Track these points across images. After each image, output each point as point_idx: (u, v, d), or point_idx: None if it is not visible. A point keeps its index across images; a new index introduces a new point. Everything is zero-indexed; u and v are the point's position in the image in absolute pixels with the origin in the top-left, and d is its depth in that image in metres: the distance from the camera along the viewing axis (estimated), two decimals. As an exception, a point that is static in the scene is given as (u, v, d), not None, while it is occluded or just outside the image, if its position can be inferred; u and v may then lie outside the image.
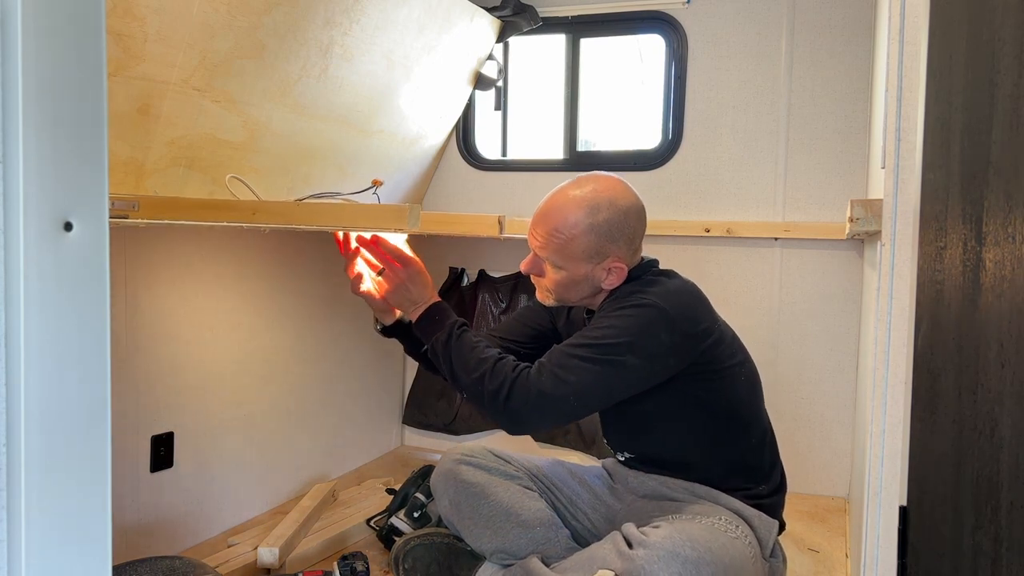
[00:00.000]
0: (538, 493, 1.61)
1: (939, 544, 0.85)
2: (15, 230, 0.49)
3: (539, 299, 1.58)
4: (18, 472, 0.50)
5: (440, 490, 1.64)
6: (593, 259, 1.47)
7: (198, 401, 2.01)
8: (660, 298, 1.41)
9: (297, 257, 2.36)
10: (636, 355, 1.36)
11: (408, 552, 1.67)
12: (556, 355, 1.38)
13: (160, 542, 1.90)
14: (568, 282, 1.49)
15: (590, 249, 1.45)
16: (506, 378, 1.35)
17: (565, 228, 1.45)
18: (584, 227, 1.44)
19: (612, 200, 1.46)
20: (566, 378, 1.34)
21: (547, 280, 1.52)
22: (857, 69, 2.45)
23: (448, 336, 1.45)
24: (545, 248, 1.48)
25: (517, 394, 1.34)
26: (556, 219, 1.45)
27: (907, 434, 0.95)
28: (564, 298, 1.53)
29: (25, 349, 0.50)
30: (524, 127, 3.05)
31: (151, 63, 1.59)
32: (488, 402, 1.37)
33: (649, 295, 1.43)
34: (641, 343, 1.37)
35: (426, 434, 2.96)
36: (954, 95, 0.85)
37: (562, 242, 1.45)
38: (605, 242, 1.46)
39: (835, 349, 2.52)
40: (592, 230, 1.44)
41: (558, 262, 1.48)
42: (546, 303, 1.57)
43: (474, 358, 1.40)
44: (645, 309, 1.40)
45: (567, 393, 1.34)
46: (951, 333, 0.82)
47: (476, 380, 1.38)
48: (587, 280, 1.49)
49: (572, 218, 1.44)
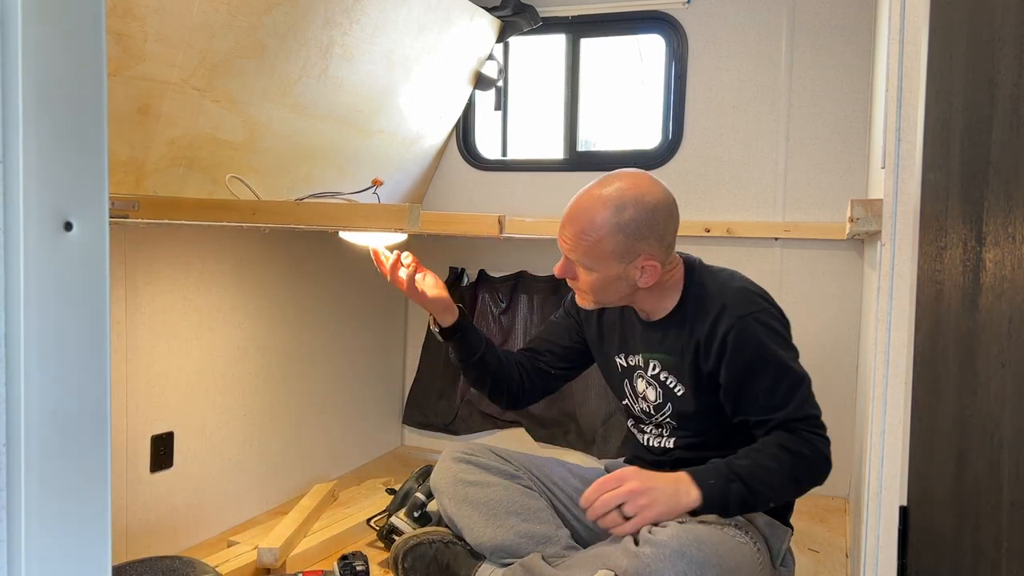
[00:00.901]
0: (538, 492, 1.61)
1: (939, 544, 0.85)
2: (15, 230, 0.49)
3: (579, 303, 1.56)
4: (18, 472, 0.50)
5: (441, 488, 1.65)
6: (624, 259, 1.44)
7: (198, 401, 2.01)
8: (760, 301, 1.49)
9: (297, 257, 2.36)
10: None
11: (408, 552, 1.67)
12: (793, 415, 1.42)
13: (160, 542, 1.90)
14: (602, 283, 1.47)
15: (619, 249, 1.43)
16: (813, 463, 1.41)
17: (592, 230, 1.42)
18: (611, 227, 1.41)
19: (638, 198, 1.43)
20: (815, 413, 1.44)
21: (581, 282, 1.50)
22: (857, 69, 2.45)
23: (741, 484, 1.37)
24: (575, 251, 1.46)
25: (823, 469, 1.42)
26: (583, 221, 1.43)
27: (907, 434, 0.95)
28: (602, 299, 1.52)
29: (25, 349, 0.50)
30: (524, 127, 3.05)
31: (151, 63, 1.59)
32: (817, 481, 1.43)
33: (748, 297, 1.49)
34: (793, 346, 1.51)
35: (426, 434, 2.96)
36: (954, 95, 0.85)
37: (590, 244, 1.43)
38: (634, 241, 1.43)
39: (835, 349, 2.52)
40: (619, 229, 1.41)
41: (589, 264, 1.46)
42: (586, 306, 1.55)
43: (776, 475, 1.39)
44: (763, 315, 1.47)
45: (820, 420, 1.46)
46: (951, 333, 0.82)
47: (798, 485, 1.42)
48: (621, 280, 1.47)
49: (598, 219, 1.42)
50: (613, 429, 2.67)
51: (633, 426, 1.68)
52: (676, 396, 1.54)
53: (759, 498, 1.38)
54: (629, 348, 1.61)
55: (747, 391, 1.44)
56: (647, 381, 1.58)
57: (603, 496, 1.33)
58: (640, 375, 1.60)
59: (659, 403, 1.56)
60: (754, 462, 1.38)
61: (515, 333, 2.82)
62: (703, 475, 1.36)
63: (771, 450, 1.39)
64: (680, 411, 1.54)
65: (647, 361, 1.57)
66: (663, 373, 1.55)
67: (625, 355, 1.63)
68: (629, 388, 1.64)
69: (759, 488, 1.36)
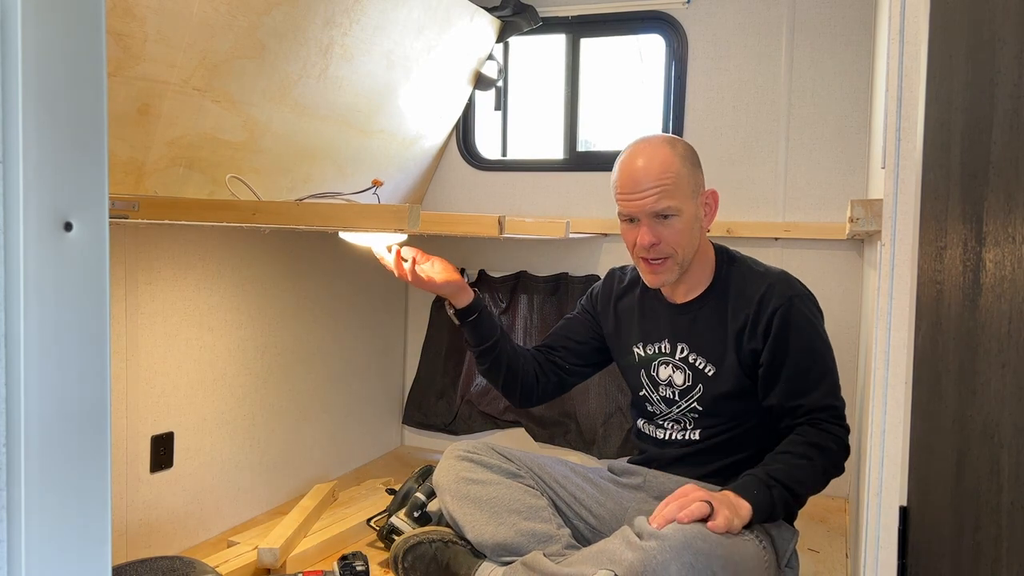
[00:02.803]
0: (540, 491, 1.61)
1: (939, 544, 0.85)
2: (15, 230, 0.49)
3: (657, 282, 1.55)
4: (18, 472, 0.50)
5: (443, 485, 1.65)
6: (695, 192, 1.53)
7: (198, 401, 2.01)
8: (803, 289, 1.54)
9: (297, 257, 2.36)
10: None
11: (408, 551, 1.67)
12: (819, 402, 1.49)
13: (160, 542, 1.90)
14: (688, 229, 1.51)
15: (691, 179, 1.52)
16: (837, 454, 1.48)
17: (667, 169, 1.48)
18: (679, 159, 1.50)
19: (670, 137, 1.57)
20: (839, 405, 1.51)
21: (673, 239, 1.50)
22: (857, 69, 2.44)
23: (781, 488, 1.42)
24: (662, 197, 1.48)
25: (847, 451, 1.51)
26: (654, 168, 1.48)
27: (907, 434, 0.95)
28: (686, 258, 1.53)
29: (25, 349, 0.50)
30: (524, 127, 3.05)
31: (151, 63, 1.59)
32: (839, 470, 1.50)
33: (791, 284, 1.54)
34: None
35: (426, 434, 2.96)
36: (954, 95, 0.85)
37: (673, 182, 1.48)
38: (695, 169, 1.54)
39: (835, 349, 2.51)
40: (683, 159, 1.51)
41: (676, 206, 1.49)
42: (671, 279, 1.55)
43: (809, 472, 1.44)
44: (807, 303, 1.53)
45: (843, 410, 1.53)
46: (951, 333, 0.82)
47: (826, 476, 1.48)
48: (696, 221, 1.53)
49: (666, 158, 1.49)
50: (613, 429, 2.67)
51: (646, 424, 1.68)
52: (707, 377, 1.55)
53: (799, 499, 1.45)
54: (651, 335, 1.62)
55: (783, 371, 1.49)
56: (674, 365, 1.59)
57: (687, 511, 1.31)
58: (664, 361, 1.61)
59: (687, 387, 1.58)
60: (787, 464, 1.43)
61: (515, 333, 2.82)
62: (746, 488, 1.40)
63: (799, 449, 1.45)
64: (711, 394, 1.55)
65: (675, 345, 1.59)
66: (692, 355, 1.57)
67: (645, 344, 1.63)
68: (647, 378, 1.63)
69: (797, 488, 1.42)
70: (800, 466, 1.43)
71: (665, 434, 1.63)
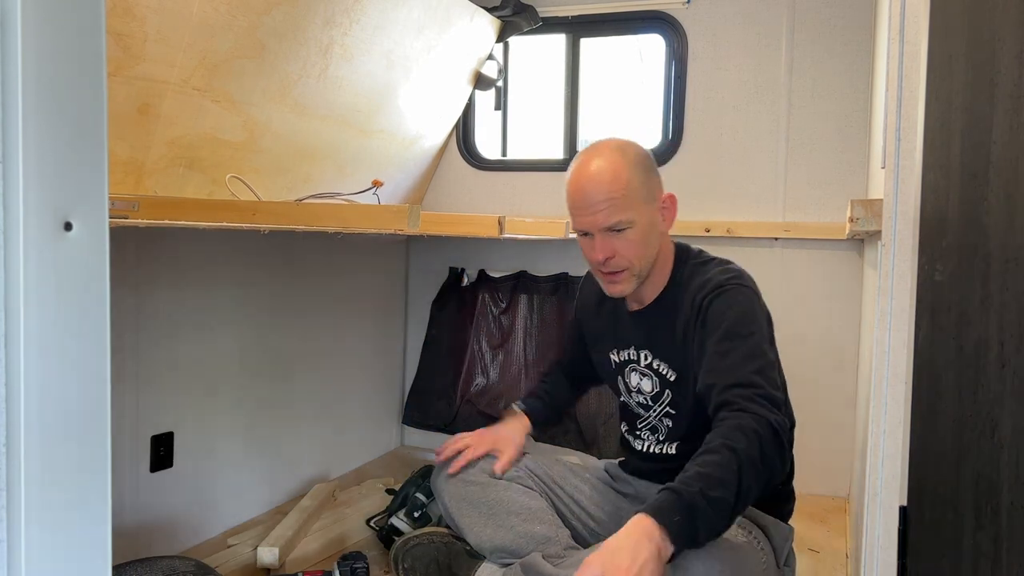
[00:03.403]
0: (539, 493, 1.61)
1: (939, 544, 0.85)
2: (15, 230, 0.49)
3: (617, 292, 1.51)
4: (18, 472, 0.50)
5: (441, 488, 1.64)
6: (650, 198, 1.47)
7: (198, 401, 2.01)
8: (745, 280, 1.46)
9: (297, 257, 2.36)
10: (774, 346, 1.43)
11: (408, 552, 1.67)
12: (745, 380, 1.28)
13: (160, 542, 1.90)
14: (644, 238, 1.46)
15: (644, 186, 1.46)
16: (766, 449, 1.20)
17: (617, 179, 1.42)
18: (629, 167, 1.44)
19: (621, 141, 1.50)
20: (775, 395, 1.27)
21: (627, 251, 1.45)
22: (857, 69, 2.44)
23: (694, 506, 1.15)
24: (612, 211, 1.42)
25: (780, 442, 1.23)
26: (604, 179, 1.43)
27: (907, 434, 0.95)
28: (644, 268, 1.49)
29: (25, 349, 0.50)
30: (524, 127, 3.05)
31: (151, 63, 1.59)
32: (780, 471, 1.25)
33: (732, 275, 1.46)
34: (768, 332, 1.43)
35: (426, 434, 2.96)
36: (954, 95, 0.85)
37: (623, 193, 1.42)
38: (649, 174, 1.47)
39: (835, 349, 2.52)
40: (635, 165, 1.45)
41: (629, 217, 1.43)
42: (627, 288, 1.49)
43: (725, 472, 1.17)
44: (750, 293, 1.43)
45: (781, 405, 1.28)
46: (951, 333, 0.82)
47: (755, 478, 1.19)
48: (653, 228, 1.48)
49: (616, 167, 1.43)
50: (613, 429, 2.67)
51: (628, 432, 1.67)
52: (671, 383, 1.53)
53: (724, 508, 1.17)
54: (622, 341, 1.61)
55: (705, 353, 1.38)
56: (641, 372, 1.57)
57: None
58: (633, 367, 1.59)
59: (656, 392, 1.55)
60: (706, 472, 1.18)
61: (515, 333, 2.82)
62: (663, 514, 1.15)
63: (715, 445, 1.21)
64: (679, 400, 1.52)
65: (639, 352, 1.57)
66: (656, 361, 1.54)
67: (618, 350, 1.63)
68: (623, 384, 1.63)
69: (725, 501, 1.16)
70: (720, 466, 1.18)
71: (643, 445, 1.60)
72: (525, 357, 2.80)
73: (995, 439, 0.66)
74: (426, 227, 1.63)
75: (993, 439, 0.66)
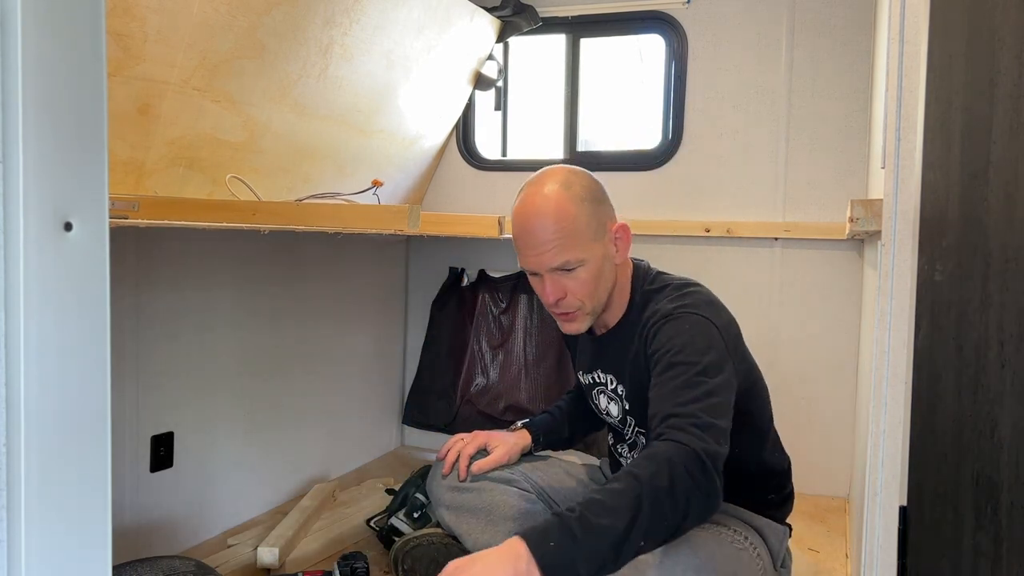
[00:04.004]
0: (535, 495, 1.61)
1: (939, 544, 0.85)
2: (15, 230, 0.49)
3: (572, 330, 1.45)
4: (18, 472, 0.50)
5: (436, 493, 1.63)
6: (599, 232, 1.37)
7: (198, 401, 2.01)
8: (695, 306, 1.34)
9: (297, 257, 2.36)
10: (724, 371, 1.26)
11: (408, 552, 1.67)
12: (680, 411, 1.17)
13: (160, 542, 1.90)
14: (596, 276, 1.37)
15: (593, 220, 1.36)
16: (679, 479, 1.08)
17: (563, 216, 1.33)
18: (575, 202, 1.35)
19: (566, 173, 1.41)
20: (713, 422, 1.16)
21: (576, 291, 1.38)
22: (857, 69, 2.45)
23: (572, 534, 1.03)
24: (560, 250, 1.34)
25: (705, 471, 1.10)
26: (549, 217, 1.34)
27: (907, 434, 0.95)
28: (596, 303, 1.41)
29: (25, 349, 0.50)
30: (524, 127, 3.05)
31: (151, 63, 1.59)
32: (702, 501, 1.10)
33: (681, 303, 1.34)
34: (716, 358, 1.26)
35: (426, 434, 2.96)
36: (954, 95, 0.85)
37: (570, 230, 1.33)
38: (597, 206, 1.38)
39: (835, 349, 2.52)
40: (581, 199, 1.36)
41: (578, 256, 1.35)
42: (581, 327, 1.43)
43: (619, 500, 1.05)
44: (696, 319, 1.30)
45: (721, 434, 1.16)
46: (951, 333, 0.82)
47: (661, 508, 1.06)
48: (606, 262, 1.39)
49: (559, 204, 1.34)
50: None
51: (613, 445, 1.66)
52: (630, 408, 1.49)
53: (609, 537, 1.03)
54: (589, 365, 1.59)
55: (652, 382, 1.28)
56: (608, 396, 1.54)
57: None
58: (601, 390, 1.56)
59: (621, 416, 1.53)
60: (599, 499, 1.06)
61: (515, 333, 2.82)
62: (537, 537, 1.04)
63: (619, 474, 1.11)
64: (640, 427, 1.49)
65: (605, 375, 1.54)
66: (619, 386, 1.50)
67: (584, 372, 1.61)
68: (595, 404, 1.61)
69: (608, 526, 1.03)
70: (617, 492, 1.06)
71: (625, 461, 1.58)
72: (525, 357, 2.80)
73: (995, 439, 0.66)
74: (426, 227, 1.63)
75: (993, 439, 0.66)
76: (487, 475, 1.60)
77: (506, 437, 1.65)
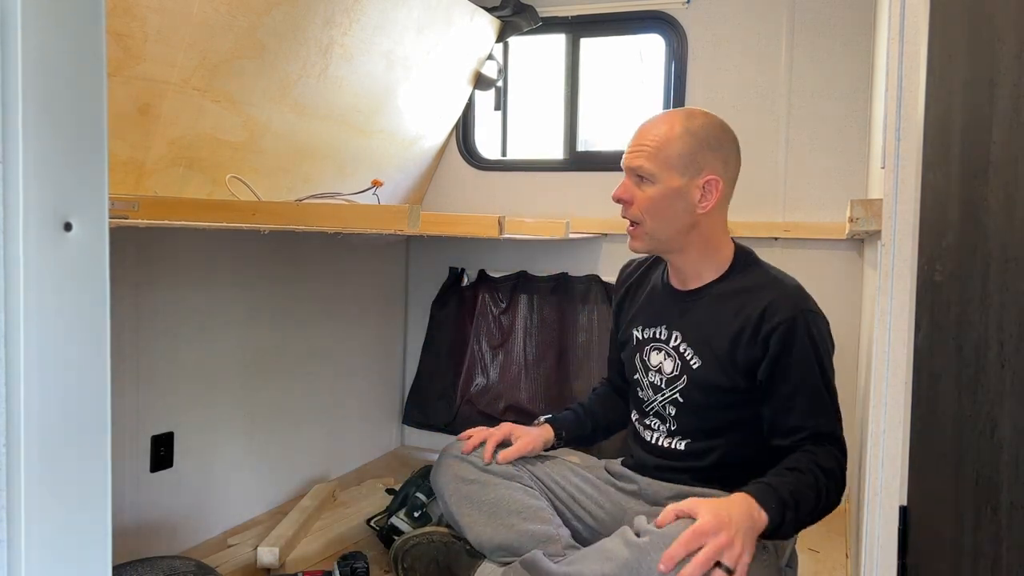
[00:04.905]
0: (539, 491, 1.61)
1: (939, 544, 0.85)
2: (15, 230, 0.49)
3: (632, 247, 1.52)
4: (18, 472, 0.50)
5: (440, 486, 1.63)
6: (688, 170, 1.43)
7: (198, 401, 2.01)
8: (815, 306, 1.47)
9: (297, 257, 2.36)
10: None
11: (408, 552, 1.67)
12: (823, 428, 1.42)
13: (160, 542, 1.90)
14: (660, 201, 1.43)
15: (685, 154, 1.42)
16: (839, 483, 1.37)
17: (660, 132, 1.43)
18: (680, 130, 1.43)
19: (708, 114, 1.49)
20: (841, 434, 1.44)
21: (640, 204, 1.45)
22: (857, 69, 2.44)
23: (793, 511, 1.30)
24: (639, 156, 1.43)
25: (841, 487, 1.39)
26: (653, 128, 1.45)
27: (907, 434, 0.94)
28: (657, 229, 1.46)
29: (25, 349, 0.50)
30: (524, 127, 3.05)
31: (151, 63, 1.59)
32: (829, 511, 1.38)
33: (805, 300, 1.46)
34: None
35: (426, 434, 2.96)
36: (954, 94, 0.85)
37: (657, 145, 1.42)
38: (700, 149, 1.43)
39: (835, 348, 2.51)
40: (687, 132, 1.43)
41: (651, 171, 1.42)
42: (639, 247, 1.50)
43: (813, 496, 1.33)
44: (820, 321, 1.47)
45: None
46: (951, 333, 0.82)
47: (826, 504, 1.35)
48: (681, 199, 1.44)
49: (667, 123, 1.44)
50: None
51: (638, 420, 1.66)
52: (692, 369, 1.52)
53: (801, 522, 1.35)
54: (652, 320, 1.60)
55: (785, 392, 1.42)
56: (667, 353, 1.56)
57: (696, 560, 1.19)
58: (658, 347, 1.58)
59: (674, 375, 1.54)
60: (798, 482, 1.32)
61: (515, 333, 2.82)
62: (763, 498, 1.29)
63: (806, 465, 1.35)
64: (692, 386, 1.51)
65: (671, 332, 1.56)
66: (683, 345, 1.53)
67: (644, 327, 1.62)
68: (640, 361, 1.62)
69: (803, 517, 1.33)
70: (808, 485, 1.33)
71: (652, 436, 1.59)
72: (525, 357, 2.80)
73: (995, 439, 0.66)
74: (426, 227, 1.63)
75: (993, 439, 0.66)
76: (492, 470, 1.60)
77: (529, 430, 1.67)
